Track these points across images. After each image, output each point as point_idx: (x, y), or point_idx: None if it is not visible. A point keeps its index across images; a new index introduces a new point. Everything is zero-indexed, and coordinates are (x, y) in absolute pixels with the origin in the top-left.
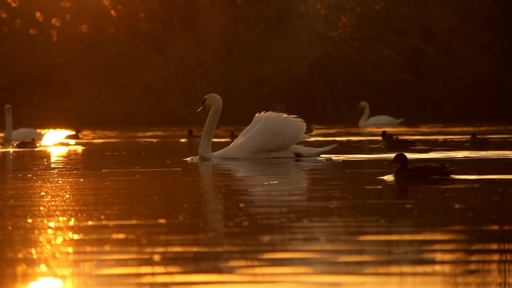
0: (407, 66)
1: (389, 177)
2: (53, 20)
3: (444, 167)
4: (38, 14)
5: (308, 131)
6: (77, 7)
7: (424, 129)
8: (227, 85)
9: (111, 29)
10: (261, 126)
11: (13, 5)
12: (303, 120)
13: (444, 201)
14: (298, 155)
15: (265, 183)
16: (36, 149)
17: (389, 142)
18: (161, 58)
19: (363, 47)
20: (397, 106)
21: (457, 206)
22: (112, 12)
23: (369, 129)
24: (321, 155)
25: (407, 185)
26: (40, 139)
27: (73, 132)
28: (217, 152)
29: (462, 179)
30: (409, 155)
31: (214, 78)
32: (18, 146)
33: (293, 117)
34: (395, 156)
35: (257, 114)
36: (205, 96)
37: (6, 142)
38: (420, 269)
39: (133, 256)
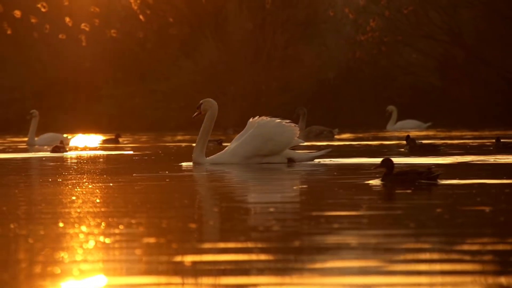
0: (436, 70)
1: (376, 182)
2: (83, 25)
3: (431, 172)
4: (67, 19)
5: (330, 135)
6: (106, 12)
7: (452, 133)
8: (255, 90)
9: (140, 34)
10: (253, 131)
11: (43, 10)
12: (296, 125)
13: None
14: (290, 160)
15: (295, 187)
16: (67, 154)
17: (412, 146)
18: (189, 62)
19: (391, 51)
20: (425, 110)
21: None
22: (141, 17)
23: (396, 133)
24: (315, 160)
25: (393, 189)
26: (67, 143)
27: (112, 136)
28: (210, 157)
29: (449, 184)
30: (432, 159)
31: (242, 83)
32: (53, 151)
33: (286, 122)
34: (382, 161)
35: (251, 119)
36: (201, 101)
37: (29, 146)
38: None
39: (164, 261)
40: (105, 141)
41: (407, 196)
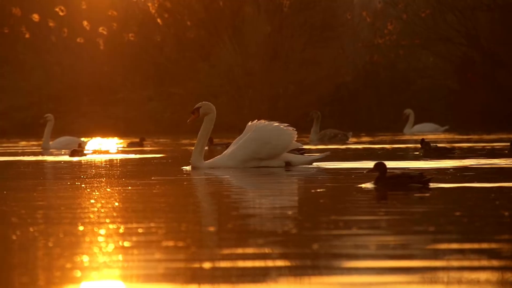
0: (453, 73)
1: (368, 185)
2: (100, 29)
3: (423, 176)
4: (85, 23)
5: (344, 138)
6: (124, 16)
7: (469, 136)
8: (273, 93)
9: (158, 38)
10: (251, 134)
11: (61, 14)
12: (294, 129)
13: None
14: (288, 164)
15: (313, 191)
16: (85, 157)
17: (427, 149)
18: (207, 66)
19: (409, 55)
20: (443, 113)
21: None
22: (159, 21)
23: (413, 137)
24: (314, 163)
25: (386, 193)
26: (84, 147)
27: (137, 140)
28: (208, 161)
29: (440, 187)
30: (447, 162)
31: (260, 86)
32: (72, 155)
33: (284, 126)
34: (375, 165)
35: (249, 123)
36: (198, 105)
37: (44, 150)
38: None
39: (182, 264)
40: (129, 145)
41: (425, 199)
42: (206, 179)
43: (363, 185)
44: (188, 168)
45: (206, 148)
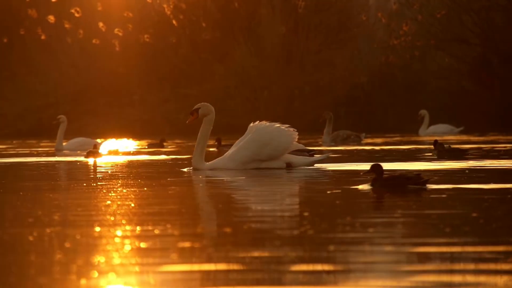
0: (469, 74)
1: (365, 186)
2: (116, 30)
3: (420, 177)
4: (101, 24)
5: (357, 139)
6: (139, 17)
7: (484, 137)
8: (288, 94)
9: (173, 39)
10: (252, 135)
11: (77, 15)
12: (295, 130)
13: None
14: (289, 165)
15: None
16: (101, 159)
17: (441, 150)
18: (222, 67)
19: (424, 56)
20: (458, 114)
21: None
22: (174, 22)
23: (428, 138)
24: (315, 164)
25: (383, 194)
26: (98, 148)
27: (157, 141)
28: (209, 162)
29: (437, 188)
30: (460, 164)
31: (275, 87)
32: (87, 156)
33: (284, 127)
34: (371, 166)
35: (251, 124)
36: (197, 106)
37: (57, 151)
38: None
39: (198, 266)
40: (149, 146)
41: (440, 201)
42: (212, 180)
43: (359, 187)
44: (187, 169)
45: (215, 149)
